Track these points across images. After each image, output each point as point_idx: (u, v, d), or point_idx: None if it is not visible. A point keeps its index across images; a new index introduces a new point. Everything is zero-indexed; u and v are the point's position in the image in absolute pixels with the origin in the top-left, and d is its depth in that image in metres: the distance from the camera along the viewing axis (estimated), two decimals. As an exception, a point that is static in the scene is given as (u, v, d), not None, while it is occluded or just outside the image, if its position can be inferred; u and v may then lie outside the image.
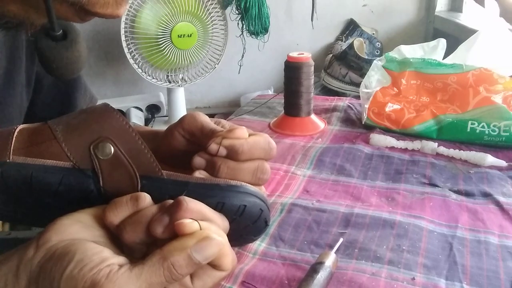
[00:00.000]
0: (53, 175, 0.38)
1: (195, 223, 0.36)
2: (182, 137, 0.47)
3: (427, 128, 0.81)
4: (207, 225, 0.37)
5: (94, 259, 0.34)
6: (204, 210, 0.38)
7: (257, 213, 0.41)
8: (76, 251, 0.34)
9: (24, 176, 0.38)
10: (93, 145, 0.40)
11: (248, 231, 0.43)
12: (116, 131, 0.41)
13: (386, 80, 0.88)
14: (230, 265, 0.37)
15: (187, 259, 0.34)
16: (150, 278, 0.33)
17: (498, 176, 0.68)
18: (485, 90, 0.79)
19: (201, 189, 0.39)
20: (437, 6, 1.86)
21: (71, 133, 0.41)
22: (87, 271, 0.33)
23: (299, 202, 0.62)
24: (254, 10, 1.61)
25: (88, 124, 0.41)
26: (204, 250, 0.34)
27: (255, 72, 1.94)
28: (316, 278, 0.45)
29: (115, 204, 0.38)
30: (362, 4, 1.92)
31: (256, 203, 0.41)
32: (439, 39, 0.93)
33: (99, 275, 0.33)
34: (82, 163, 0.40)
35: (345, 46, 1.69)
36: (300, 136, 0.84)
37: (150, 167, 0.40)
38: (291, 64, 0.85)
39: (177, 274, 0.34)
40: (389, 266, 0.49)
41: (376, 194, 0.64)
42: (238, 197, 0.39)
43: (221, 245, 0.35)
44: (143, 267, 0.34)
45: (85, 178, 0.39)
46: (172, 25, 1.54)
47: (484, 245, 0.53)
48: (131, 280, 0.33)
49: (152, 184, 0.39)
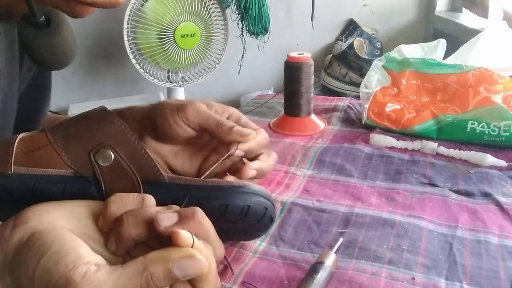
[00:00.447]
0: (55, 185, 0.39)
1: (190, 239, 0.35)
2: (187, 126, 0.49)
3: (427, 128, 0.81)
4: (202, 246, 0.36)
5: (71, 253, 0.33)
6: (210, 232, 0.37)
7: (262, 212, 0.41)
8: (53, 241, 0.33)
9: (26, 187, 0.38)
10: (93, 152, 0.40)
11: (254, 228, 0.43)
12: (116, 136, 0.41)
13: (386, 80, 0.88)
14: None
15: (167, 272, 0.34)
16: (127, 285, 0.33)
17: (498, 176, 0.68)
18: (485, 90, 0.79)
19: (204, 192, 0.39)
20: (437, 6, 1.86)
21: (71, 141, 0.41)
22: (63, 265, 0.32)
23: (299, 201, 0.62)
24: (254, 10, 1.61)
25: (87, 130, 0.41)
26: (185, 268, 0.34)
27: (255, 72, 1.94)
28: (316, 278, 0.45)
29: (121, 198, 0.37)
30: (362, 4, 1.92)
31: (261, 202, 0.41)
32: (439, 39, 0.93)
33: (75, 273, 0.32)
34: (83, 170, 0.40)
35: (345, 46, 1.69)
36: (300, 136, 0.84)
37: (151, 172, 0.40)
38: (291, 64, 0.85)
39: (153, 286, 0.33)
40: (389, 266, 0.49)
41: (376, 194, 0.64)
42: (241, 198, 0.40)
43: (204, 269, 0.35)
44: (122, 273, 0.33)
45: (87, 185, 0.39)
46: (176, 24, 1.54)
47: (484, 245, 0.53)
48: (108, 284, 0.32)
49: (154, 188, 0.39)
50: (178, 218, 0.36)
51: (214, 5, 1.58)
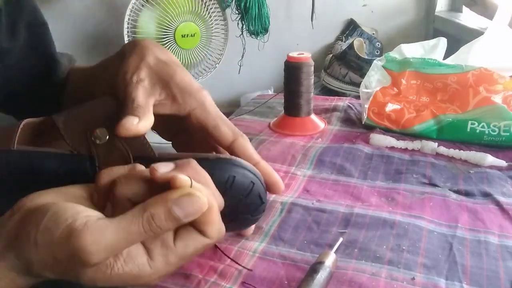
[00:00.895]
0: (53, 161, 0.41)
1: (188, 180, 0.35)
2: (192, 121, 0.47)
3: (427, 128, 0.81)
4: (201, 187, 0.36)
5: (69, 211, 0.33)
6: (208, 179, 0.38)
7: (248, 185, 0.42)
8: (49, 207, 0.34)
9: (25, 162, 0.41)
10: (90, 131, 0.43)
11: (244, 208, 0.43)
12: (111, 118, 0.43)
13: (386, 80, 0.88)
14: (215, 234, 0.37)
15: (167, 212, 0.34)
16: (129, 227, 0.33)
17: (498, 176, 0.68)
18: (485, 90, 0.79)
19: None
20: (437, 6, 1.85)
21: (71, 122, 0.44)
22: (63, 221, 0.32)
23: (299, 201, 0.62)
24: (254, 10, 1.61)
25: (85, 113, 0.45)
26: (185, 206, 0.34)
27: (255, 72, 1.94)
28: (316, 278, 0.45)
29: (112, 168, 0.38)
30: (362, 4, 1.92)
31: (246, 174, 0.42)
32: (440, 38, 0.93)
33: (75, 223, 0.32)
34: (80, 149, 0.42)
35: (345, 46, 1.69)
36: (300, 136, 0.84)
37: (143, 148, 0.43)
38: (291, 64, 0.85)
39: (155, 226, 0.33)
40: (389, 266, 0.49)
41: (376, 194, 0.64)
42: (227, 168, 0.41)
43: (203, 205, 0.35)
44: (123, 218, 0.33)
45: (82, 162, 0.42)
46: (176, 25, 1.54)
47: (484, 245, 0.53)
48: (110, 229, 0.33)
49: (145, 163, 0.41)
50: (175, 166, 0.37)
51: (214, 5, 1.58)
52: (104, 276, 0.33)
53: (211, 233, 0.36)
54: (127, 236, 0.33)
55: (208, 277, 0.48)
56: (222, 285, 0.47)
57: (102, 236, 0.32)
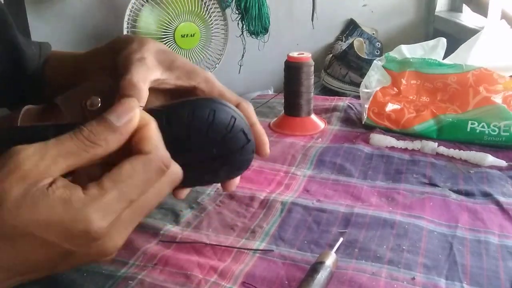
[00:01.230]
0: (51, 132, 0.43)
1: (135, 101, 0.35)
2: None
3: (427, 128, 0.81)
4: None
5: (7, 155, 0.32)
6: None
7: (229, 119, 0.42)
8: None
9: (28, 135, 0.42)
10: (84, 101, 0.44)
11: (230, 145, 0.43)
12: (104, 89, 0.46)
13: (386, 80, 0.88)
14: (152, 148, 0.35)
15: (102, 122, 0.34)
16: (65, 143, 0.33)
17: (498, 176, 0.68)
18: (485, 90, 0.79)
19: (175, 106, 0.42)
20: (437, 6, 1.85)
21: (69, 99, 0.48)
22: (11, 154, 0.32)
23: (299, 201, 0.62)
24: (254, 10, 1.61)
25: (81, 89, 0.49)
26: (117, 110, 0.34)
27: (255, 72, 1.94)
28: (317, 278, 0.45)
29: None
30: (362, 4, 1.92)
31: (226, 109, 0.42)
32: (439, 38, 0.93)
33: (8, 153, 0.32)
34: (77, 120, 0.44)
35: (345, 46, 1.69)
36: (300, 136, 0.84)
37: None
38: (291, 64, 0.85)
39: (87, 132, 0.33)
40: (389, 266, 0.49)
41: (376, 194, 0.64)
42: (207, 104, 0.42)
43: (134, 103, 0.35)
44: (60, 137, 0.33)
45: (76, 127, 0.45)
46: (175, 25, 1.54)
47: (484, 245, 0.53)
48: (46, 148, 0.32)
49: None
50: None
51: (214, 5, 1.58)
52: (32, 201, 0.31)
53: (147, 148, 0.35)
54: (66, 155, 0.33)
55: (208, 277, 0.48)
56: (222, 285, 0.47)
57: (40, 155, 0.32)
